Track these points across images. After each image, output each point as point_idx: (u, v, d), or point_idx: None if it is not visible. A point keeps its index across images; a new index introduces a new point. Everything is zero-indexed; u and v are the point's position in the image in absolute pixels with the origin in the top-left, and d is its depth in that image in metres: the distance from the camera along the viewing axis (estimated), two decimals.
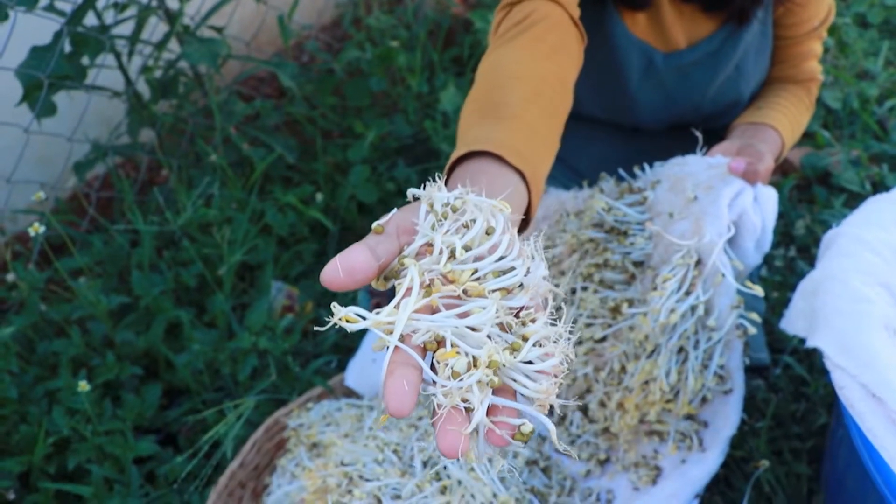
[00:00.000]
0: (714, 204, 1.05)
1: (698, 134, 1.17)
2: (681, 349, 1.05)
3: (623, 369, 1.09)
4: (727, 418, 1.07)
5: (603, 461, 1.15)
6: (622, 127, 1.40)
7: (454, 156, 0.80)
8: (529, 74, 0.90)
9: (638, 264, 1.10)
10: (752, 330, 1.07)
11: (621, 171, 1.24)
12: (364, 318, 0.55)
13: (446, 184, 0.72)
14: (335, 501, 0.99)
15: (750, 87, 1.33)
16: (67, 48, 1.43)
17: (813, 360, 1.45)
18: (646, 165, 1.22)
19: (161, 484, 1.34)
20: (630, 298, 1.09)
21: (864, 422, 0.87)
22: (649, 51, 1.27)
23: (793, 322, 1.04)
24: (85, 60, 1.49)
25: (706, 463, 1.07)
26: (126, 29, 1.63)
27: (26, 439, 1.31)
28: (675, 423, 1.10)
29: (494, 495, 1.00)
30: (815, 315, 1.00)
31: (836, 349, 0.93)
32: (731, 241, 1.08)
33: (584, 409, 1.18)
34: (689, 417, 1.11)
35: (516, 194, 0.75)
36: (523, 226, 0.80)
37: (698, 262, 1.04)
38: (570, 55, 0.98)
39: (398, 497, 0.98)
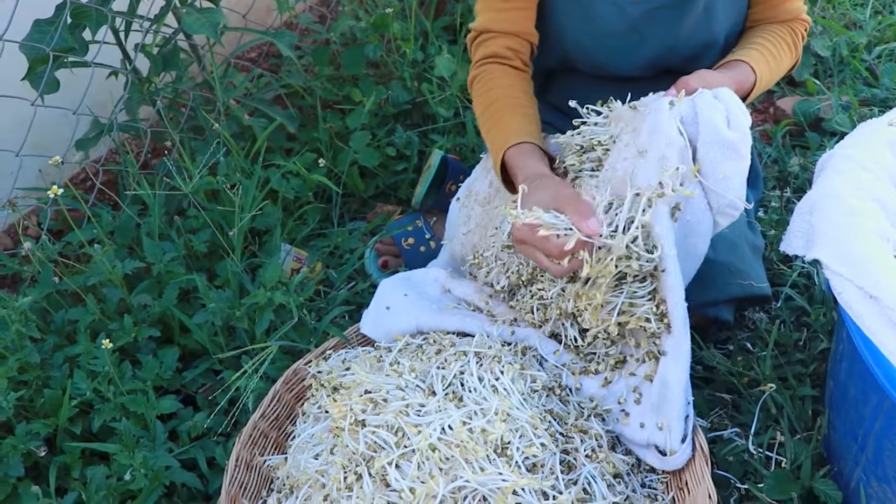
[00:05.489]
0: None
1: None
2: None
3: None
4: (671, 293, 1.08)
5: (621, 362, 1.19)
6: (609, 76, 1.44)
7: (502, 151, 1.27)
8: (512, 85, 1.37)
9: None
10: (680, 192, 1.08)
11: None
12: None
13: (503, 167, 1.28)
14: (361, 420, 1.03)
15: (724, 29, 1.36)
16: (69, 21, 1.46)
17: (812, 291, 1.49)
18: None
19: (184, 441, 1.37)
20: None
21: (863, 321, 0.91)
22: (618, 1, 1.31)
23: (792, 242, 1.07)
24: (87, 34, 1.51)
25: (679, 350, 1.10)
26: (122, 5, 1.66)
27: (50, 403, 1.35)
28: (637, 307, 1.12)
29: (514, 410, 1.04)
30: (812, 231, 1.03)
31: (834, 258, 0.97)
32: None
33: (581, 330, 1.22)
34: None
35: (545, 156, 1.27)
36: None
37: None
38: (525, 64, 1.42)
39: (422, 415, 1.02)
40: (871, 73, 2.09)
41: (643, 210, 1.07)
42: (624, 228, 1.07)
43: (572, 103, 1.26)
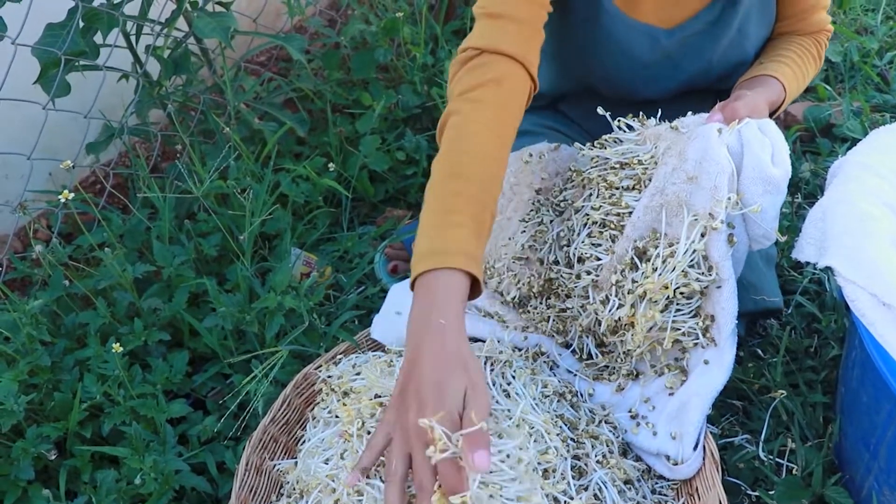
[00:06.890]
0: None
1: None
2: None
3: (619, 286, 1.13)
4: (724, 310, 1.09)
5: (636, 374, 1.19)
6: (634, 100, 1.42)
7: (416, 271, 1.00)
8: (488, 156, 1.06)
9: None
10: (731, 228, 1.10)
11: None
12: None
13: (412, 288, 1.00)
14: (370, 427, 1.02)
15: (755, 46, 1.35)
16: (80, 25, 1.47)
17: (823, 298, 1.48)
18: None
19: (194, 444, 1.37)
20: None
21: (876, 329, 0.90)
22: (653, 31, 1.30)
23: (804, 249, 1.07)
24: (98, 38, 1.52)
25: (723, 360, 1.11)
26: (133, 9, 1.66)
27: (61, 406, 1.35)
28: (682, 323, 1.13)
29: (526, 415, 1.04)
30: (824, 238, 1.03)
31: (846, 265, 0.97)
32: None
33: (601, 343, 1.22)
34: (688, 301, 1.13)
35: (467, 288, 0.98)
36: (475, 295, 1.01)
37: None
38: (520, 109, 1.12)
39: None
40: (882, 79, 2.08)
41: (700, 235, 1.09)
42: (684, 252, 1.08)
43: (600, 111, 1.24)
